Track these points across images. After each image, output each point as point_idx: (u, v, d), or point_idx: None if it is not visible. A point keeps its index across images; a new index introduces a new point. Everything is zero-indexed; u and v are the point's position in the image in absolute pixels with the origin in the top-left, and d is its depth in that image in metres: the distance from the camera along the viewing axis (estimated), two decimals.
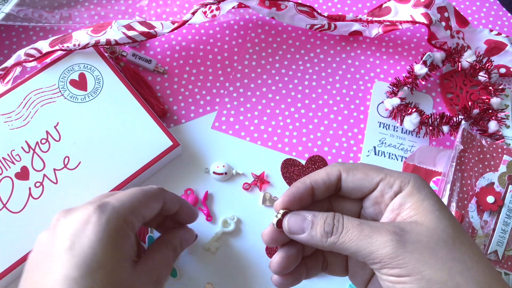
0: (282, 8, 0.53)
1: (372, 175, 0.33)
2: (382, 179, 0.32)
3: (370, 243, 0.30)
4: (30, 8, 0.53)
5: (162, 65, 0.54)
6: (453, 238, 0.29)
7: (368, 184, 0.33)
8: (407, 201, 0.31)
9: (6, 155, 0.45)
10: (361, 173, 0.33)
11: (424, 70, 0.52)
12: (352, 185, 0.33)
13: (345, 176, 0.33)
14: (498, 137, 0.52)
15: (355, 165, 0.34)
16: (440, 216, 0.30)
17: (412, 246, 0.29)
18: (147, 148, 0.47)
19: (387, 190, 0.32)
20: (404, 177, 0.32)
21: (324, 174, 0.34)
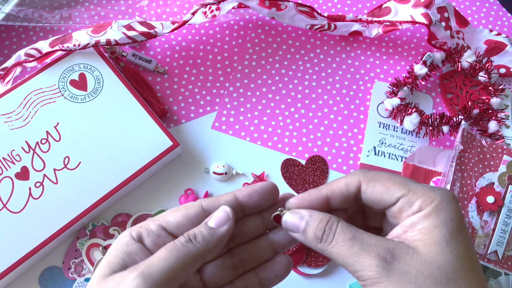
0: (282, 8, 0.53)
1: (394, 190, 0.30)
2: (404, 195, 0.29)
3: (356, 262, 0.28)
4: (30, 8, 0.53)
5: (162, 65, 0.54)
6: (447, 278, 0.27)
7: (388, 198, 0.30)
8: (420, 222, 0.28)
9: (6, 155, 0.45)
10: (382, 186, 0.30)
11: (424, 70, 0.52)
12: (371, 198, 0.31)
13: (364, 188, 0.31)
14: (498, 137, 0.52)
15: (378, 175, 0.31)
16: (444, 250, 0.27)
17: (397, 276, 0.27)
18: (147, 148, 0.47)
19: (406, 209, 0.29)
20: (429, 196, 0.29)
21: (342, 184, 0.31)
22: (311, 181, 0.50)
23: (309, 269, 0.46)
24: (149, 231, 0.30)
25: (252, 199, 0.31)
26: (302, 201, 0.32)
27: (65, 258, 0.45)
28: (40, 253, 0.43)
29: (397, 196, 0.30)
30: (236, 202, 0.31)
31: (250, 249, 0.33)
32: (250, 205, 0.31)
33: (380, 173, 0.31)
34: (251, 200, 0.31)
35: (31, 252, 0.42)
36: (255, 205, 0.32)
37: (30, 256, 0.42)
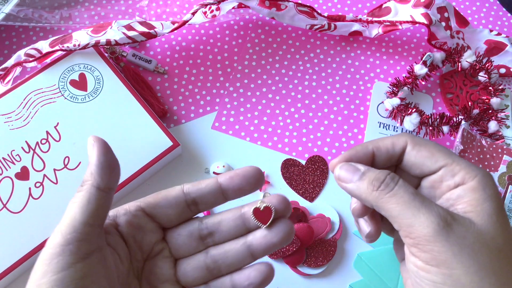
0: (282, 8, 0.53)
1: (438, 157, 0.30)
2: (447, 164, 0.30)
3: (414, 215, 0.28)
4: (30, 8, 0.53)
5: (162, 65, 0.54)
6: (499, 249, 0.27)
7: (430, 164, 0.30)
8: (467, 195, 0.29)
9: (6, 155, 0.45)
10: (427, 151, 0.30)
11: (424, 70, 0.52)
12: (414, 161, 0.31)
13: (409, 149, 0.31)
14: (498, 137, 0.52)
15: (424, 141, 0.31)
16: (496, 223, 0.28)
17: (456, 239, 0.27)
18: (147, 148, 0.47)
19: (448, 178, 0.30)
20: (471, 170, 0.29)
21: (389, 143, 0.31)
22: (311, 181, 0.50)
23: (309, 269, 0.46)
24: (127, 211, 0.31)
25: (233, 181, 0.31)
26: (349, 159, 0.32)
27: None
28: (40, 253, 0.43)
29: (440, 164, 0.30)
30: (218, 186, 0.31)
31: (226, 251, 0.32)
32: (232, 189, 0.31)
33: (427, 140, 0.31)
34: (232, 183, 0.31)
35: (31, 252, 0.42)
36: (237, 189, 0.31)
37: (30, 256, 0.42)
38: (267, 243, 0.31)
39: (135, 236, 0.31)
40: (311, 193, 0.49)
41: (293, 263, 0.46)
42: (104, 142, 0.31)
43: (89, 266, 0.27)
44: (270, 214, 0.30)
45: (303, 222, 0.47)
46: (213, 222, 0.32)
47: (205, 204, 0.32)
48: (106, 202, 0.30)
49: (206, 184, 0.31)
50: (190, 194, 0.31)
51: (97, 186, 0.29)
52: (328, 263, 0.46)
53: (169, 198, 0.31)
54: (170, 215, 0.32)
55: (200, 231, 0.32)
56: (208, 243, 0.32)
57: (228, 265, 0.32)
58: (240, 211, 0.32)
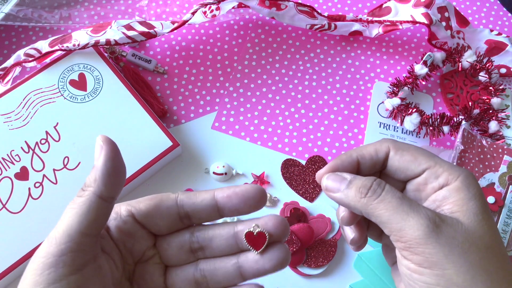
0: (282, 8, 0.53)
1: (421, 161, 0.31)
2: (430, 167, 0.30)
3: (404, 219, 0.28)
4: (29, 8, 0.53)
5: (162, 65, 0.54)
6: (487, 247, 0.28)
7: (414, 168, 0.31)
8: (452, 195, 0.29)
9: (6, 156, 0.45)
10: (410, 156, 0.31)
11: (424, 70, 0.52)
12: (397, 165, 0.32)
13: (392, 155, 0.32)
14: (498, 137, 0.52)
15: (406, 145, 0.32)
16: (482, 221, 0.28)
17: (446, 239, 0.27)
18: (147, 148, 0.47)
19: (432, 180, 0.30)
20: (454, 171, 0.30)
21: (372, 150, 0.32)
22: (311, 181, 0.50)
23: (309, 270, 0.46)
24: (118, 215, 0.30)
25: (231, 201, 0.29)
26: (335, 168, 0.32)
27: None
28: None
29: (423, 167, 0.31)
30: (214, 203, 0.29)
31: (216, 268, 0.30)
32: (228, 208, 0.29)
33: (408, 145, 0.32)
34: (230, 202, 0.29)
35: (31, 252, 0.42)
36: (234, 209, 0.29)
37: (30, 256, 0.42)
38: (259, 268, 0.29)
39: (125, 243, 0.30)
40: (311, 193, 0.49)
41: (293, 264, 0.46)
42: (113, 145, 0.28)
43: (83, 279, 0.26)
44: (264, 240, 0.28)
45: (303, 222, 0.47)
46: (204, 237, 0.30)
47: (198, 219, 0.30)
48: (107, 212, 0.28)
49: (202, 199, 0.30)
50: (184, 207, 0.30)
51: (99, 194, 0.28)
52: (328, 264, 0.46)
53: (161, 208, 0.30)
54: (161, 226, 0.30)
55: (191, 244, 0.31)
56: (199, 256, 0.31)
57: (217, 282, 0.30)
58: (234, 229, 0.30)
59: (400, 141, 0.32)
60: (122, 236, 0.30)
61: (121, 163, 0.29)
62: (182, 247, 0.31)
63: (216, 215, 0.30)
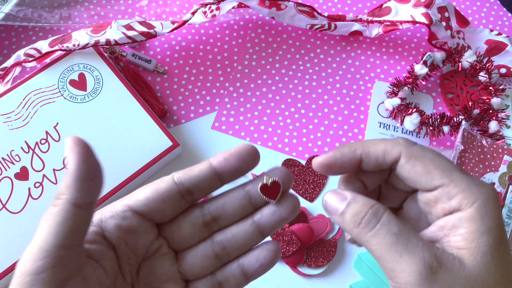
0: (282, 8, 0.53)
1: (434, 176, 0.26)
2: (444, 185, 0.26)
3: (397, 262, 0.25)
4: (29, 8, 0.53)
5: (162, 65, 0.54)
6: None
7: (425, 183, 0.27)
8: (463, 226, 0.25)
9: (6, 155, 0.45)
10: (423, 168, 0.27)
11: (424, 70, 0.52)
12: (406, 175, 0.27)
13: (403, 162, 0.27)
14: (498, 137, 0.52)
15: (422, 153, 0.27)
16: (490, 262, 0.24)
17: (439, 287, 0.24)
18: (147, 148, 0.47)
19: (444, 200, 0.26)
20: (471, 194, 0.25)
21: (380, 151, 0.28)
22: (311, 181, 0.50)
23: (309, 270, 0.46)
24: (114, 213, 0.28)
25: (229, 163, 0.28)
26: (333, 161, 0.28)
27: None
28: None
29: (436, 184, 0.26)
30: (212, 170, 0.28)
31: (234, 234, 0.29)
32: (228, 171, 0.28)
33: (425, 150, 0.27)
34: (228, 164, 0.28)
35: None
36: (234, 170, 0.28)
37: None
38: (277, 219, 0.28)
39: (127, 241, 0.28)
40: (311, 193, 0.49)
41: (293, 264, 0.46)
42: (84, 145, 0.26)
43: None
44: (278, 189, 0.28)
45: (303, 223, 0.47)
46: (216, 206, 0.29)
47: (201, 192, 0.29)
48: (86, 219, 0.26)
49: (199, 170, 0.28)
50: (183, 183, 0.28)
51: (74, 202, 0.25)
52: (328, 264, 0.46)
53: (160, 191, 0.27)
54: (164, 210, 0.28)
55: (203, 217, 0.29)
56: (213, 228, 0.29)
57: (237, 248, 0.29)
58: (244, 189, 0.29)
59: (417, 144, 0.28)
60: (122, 234, 0.28)
61: (95, 165, 0.26)
62: (194, 224, 0.29)
63: (217, 183, 0.28)
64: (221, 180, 0.28)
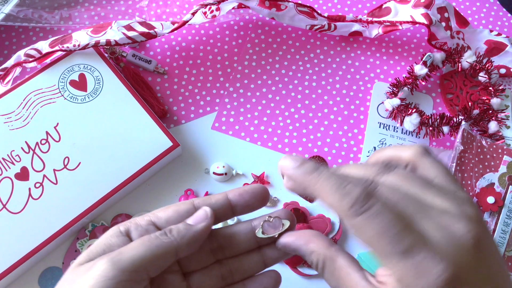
0: (282, 8, 0.53)
1: (376, 254, 0.25)
2: (383, 268, 0.25)
3: None
4: (30, 8, 0.53)
5: (162, 66, 0.54)
6: None
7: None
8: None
9: (6, 156, 0.45)
10: (365, 240, 0.25)
11: (424, 70, 0.52)
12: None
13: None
14: (498, 138, 0.52)
15: (365, 226, 0.24)
16: None
17: None
18: (147, 148, 0.47)
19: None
20: (406, 284, 0.23)
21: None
22: None
23: (309, 270, 0.46)
24: (138, 225, 0.30)
25: (243, 198, 0.31)
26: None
27: (65, 258, 0.45)
28: (40, 254, 0.43)
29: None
30: (227, 201, 0.31)
31: (240, 261, 0.32)
32: (241, 205, 0.31)
33: (371, 221, 0.24)
34: (242, 199, 0.31)
35: (31, 252, 0.42)
36: (246, 205, 0.32)
37: (30, 257, 0.42)
38: (281, 254, 0.32)
39: None
40: None
41: (293, 264, 0.46)
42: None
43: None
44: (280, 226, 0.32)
45: (303, 223, 0.47)
46: (223, 236, 0.32)
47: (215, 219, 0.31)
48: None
49: (216, 199, 0.31)
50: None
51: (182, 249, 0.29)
52: None
53: (180, 212, 0.30)
54: None
55: (210, 244, 0.32)
56: (218, 256, 0.32)
57: (242, 273, 0.32)
58: (251, 224, 0.32)
59: (366, 211, 0.24)
60: None
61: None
62: (201, 249, 0.31)
63: (229, 213, 0.32)
64: (233, 212, 0.32)
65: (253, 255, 0.32)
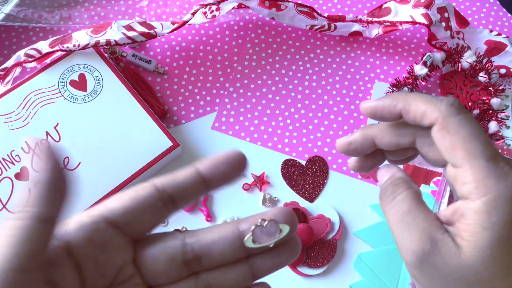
0: (282, 8, 0.53)
1: (456, 155, 0.25)
2: (462, 167, 0.25)
3: (399, 238, 0.27)
4: (30, 8, 0.53)
5: (162, 66, 0.54)
6: (481, 281, 0.25)
7: (448, 158, 0.26)
8: (469, 217, 0.25)
9: (6, 156, 0.45)
10: (450, 143, 0.26)
11: (424, 70, 0.52)
12: (436, 142, 0.27)
13: (435, 130, 0.26)
14: (498, 138, 0.52)
15: (458, 126, 0.25)
16: (487, 257, 0.24)
17: (429, 269, 0.25)
18: (147, 148, 0.47)
19: (460, 183, 0.26)
20: (482, 186, 0.25)
21: (420, 111, 0.27)
22: (311, 181, 0.50)
23: (309, 270, 0.46)
24: (83, 224, 0.23)
25: (217, 170, 0.25)
26: (375, 110, 0.30)
27: None
28: None
29: (455, 164, 0.26)
30: (198, 176, 0.25)
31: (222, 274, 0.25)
32: (216, 177, 0.25)
33: (463, 125, 0.25)
34: (216, 171, 0.25)
35: None
36: (221, 177, 0.25)
37: None
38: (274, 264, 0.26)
39: (97, 258, 0.23)
40: (311, 194, 0.49)
41: (293, 264, 0.46)
42: (51, 150, 0.23)
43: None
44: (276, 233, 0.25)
45: (303, 223, 0.47)
46: (201, 244, 0.24)
47: (185, 200, 0.25)
48: (48, 237, 0.22)
49: (184, 176, 0.25)
50: (166, 190, 0.25)
51: (40, 217, 0.21)
52: (328, 264, 0.46)
53: (139, 199, 0.24)
54: (143, 222, 0.24)
55: (184, 254, 0.24)
56: (194, 269, 0.25)
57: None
58: (238, 228, 0.25)
59: (459, 116, 0.26)
60: (91, 250, 0.23)
61: (62, 173, 0.22)
62: (171, 260, 0.24)
63: (203, 190, 0.25)
64: (207, 187, 0.26)
65: (239, 266, 0.25)
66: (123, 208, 0.24)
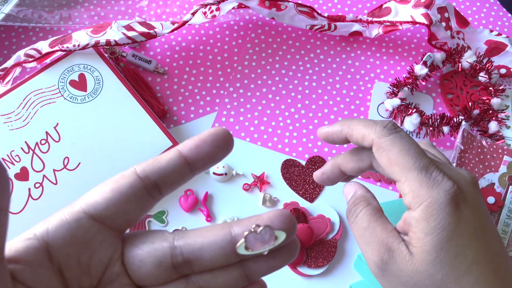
0: (282, 8, 0.53)
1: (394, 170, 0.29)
2: (399, 181, 0.29)
3: (363, 250, 0.30)
4: (30, 8, 0.53)
5: (162, 66, 0.54)
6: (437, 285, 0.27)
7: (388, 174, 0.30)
8: (413, 225, 0.28)
9: (6, 156, 0.45)
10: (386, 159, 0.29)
11: (424, 70, 0.52)
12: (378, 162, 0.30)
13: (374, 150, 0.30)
14: (498, 138, 0.52)
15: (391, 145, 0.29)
16: (435, 260, 0.27)
17: (390, 277, 0.29)
18: (147, 148, 0.47)
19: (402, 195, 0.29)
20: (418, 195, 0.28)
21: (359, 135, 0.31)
22: (311, 181, 0.50)
23: (309, 270, 0.46)
24: (64, 221, 0.22)
25: (202, 150, 0.23)
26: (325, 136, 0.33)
27: None
28: None
29: (394, 178, 0.29)
30: (181, 159, 0.23)
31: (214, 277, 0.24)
32: (201, 159, 0.23)
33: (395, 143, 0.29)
34: (201, 151, 0.23)
35: None
36: (207, 158, 0.23)
37: None
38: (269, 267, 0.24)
39: (80, 257, 0.22)
40: (311, 194, 0.49)
41: (293, 264, 0.46)
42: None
43: None
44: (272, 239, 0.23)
45: (303, 223, 0.47)
46: (191, 248, 0.23)
47: (170, 185, 0.24)
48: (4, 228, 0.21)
49: (166, 160, 0.23)
50: (149, 177, 0.23)
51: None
52: (328, 264, 0.46)
53: (122, 189, 0.22)
54: (128, 213, 0.23)
55: (173, 258, 0.23)
56: (183, 272, 0.23)
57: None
58: (230, 233, 0.23)
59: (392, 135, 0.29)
60: (74, 248, 0.22)
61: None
62: (160, 264, 0.23)
63: (188, 174, 0.24)
64: (192, 170, 0.24)
65: (232, 269, 0.23)
66: (105, 200, 0.22)
